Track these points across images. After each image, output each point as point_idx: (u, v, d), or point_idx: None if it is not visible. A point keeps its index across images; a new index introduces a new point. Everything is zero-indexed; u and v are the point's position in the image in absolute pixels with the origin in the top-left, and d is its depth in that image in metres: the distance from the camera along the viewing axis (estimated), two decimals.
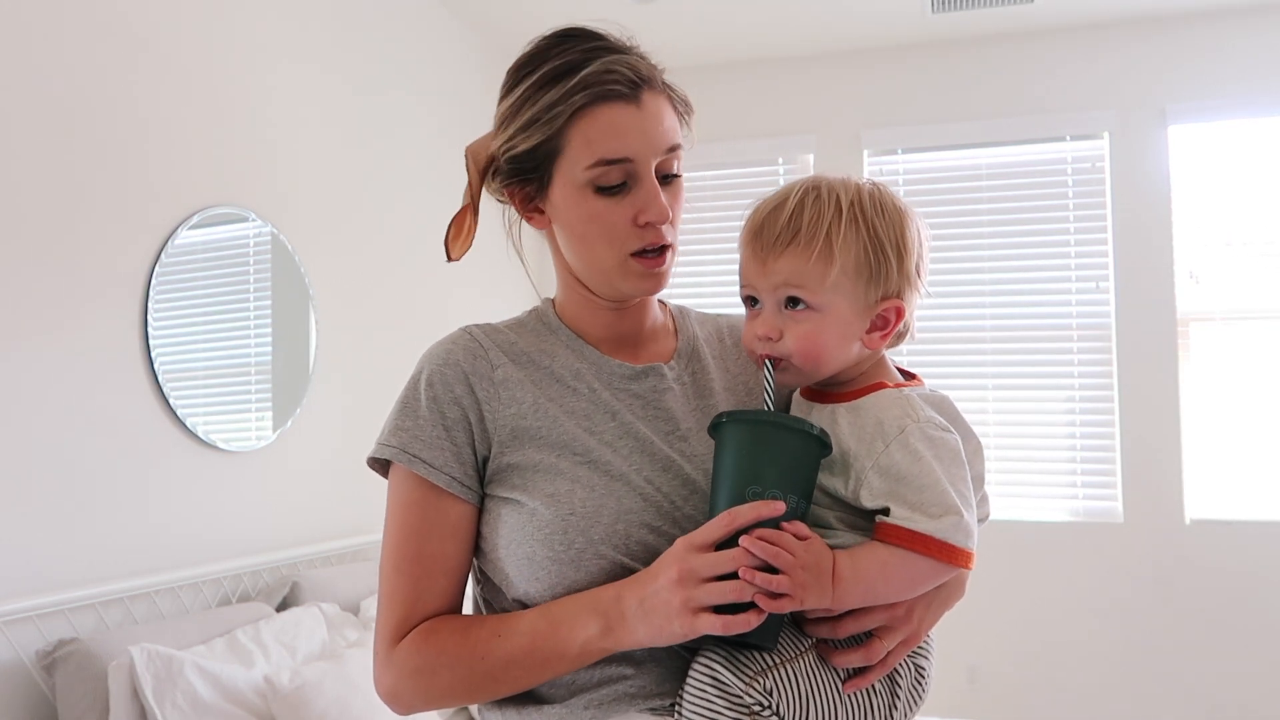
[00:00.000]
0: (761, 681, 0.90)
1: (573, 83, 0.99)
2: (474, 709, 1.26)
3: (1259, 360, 3.84)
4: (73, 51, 2.26)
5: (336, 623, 2.56)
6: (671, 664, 0.97)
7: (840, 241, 0.94)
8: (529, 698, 1.00)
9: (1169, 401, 3.87)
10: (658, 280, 1.03)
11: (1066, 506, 4.01)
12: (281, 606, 2.60)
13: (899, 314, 0.98)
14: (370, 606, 2.72)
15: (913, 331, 1.02)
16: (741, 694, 0.89)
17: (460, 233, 1.11)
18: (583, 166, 0.99)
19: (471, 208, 1.10)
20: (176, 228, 2.50)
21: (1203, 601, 3.79)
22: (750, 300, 1.00)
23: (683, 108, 1.06)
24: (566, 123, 0.99)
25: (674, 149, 1.02)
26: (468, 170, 1.09)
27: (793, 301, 0.96)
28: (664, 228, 1.01)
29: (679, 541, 0.90)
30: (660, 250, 1.02)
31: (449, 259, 1.12)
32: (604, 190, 0.99)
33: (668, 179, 1.03)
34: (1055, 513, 4.01)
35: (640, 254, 1.02)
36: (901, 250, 0.96)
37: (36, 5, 2.18)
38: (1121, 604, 3.88)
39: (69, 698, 2.01)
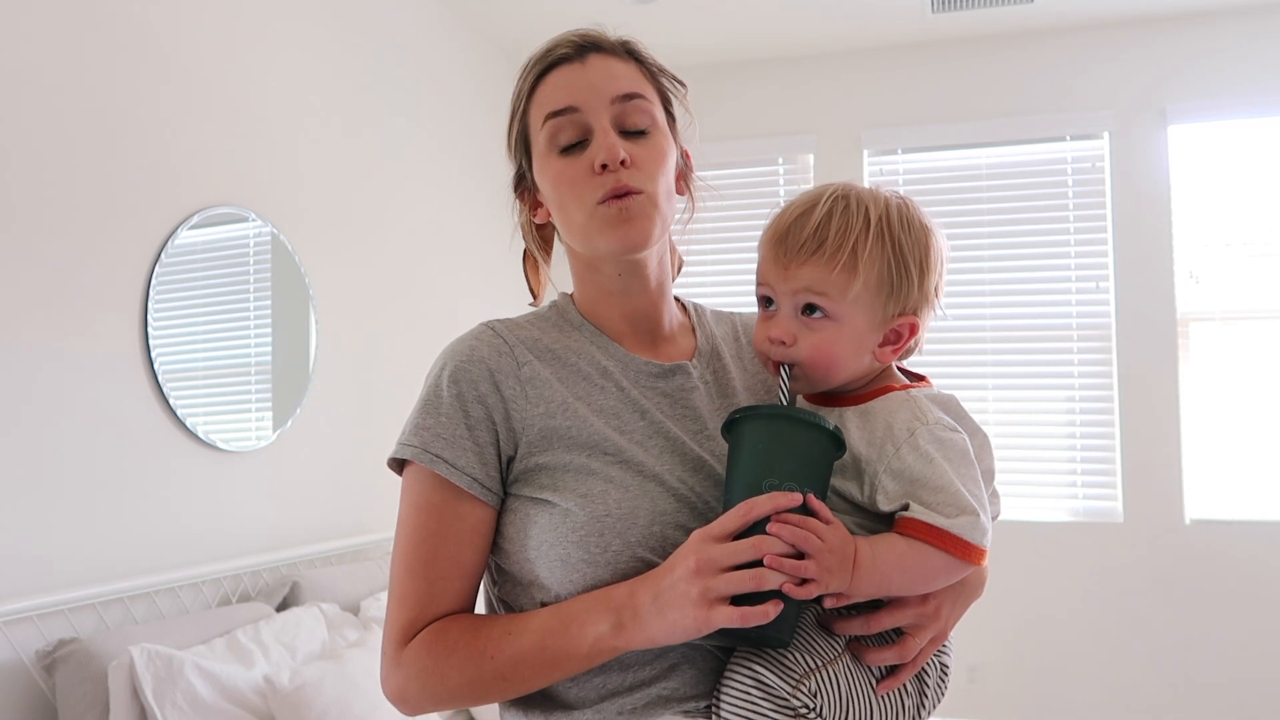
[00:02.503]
0: (807, 684, 0.89)
1: (529, 66, 1.05)
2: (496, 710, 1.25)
3: (1259, 360, 3.84)
4: (73, 52, 2.26)
5: (336, 623, 2.56)
6: (705, 665, 0.95)
7: (865, 256, 0.94)
8: (556, 703, 0.97)
9: (1169, 401, 3.87)
10: (629, 228, 0.98)
11: (1066, 506, 4.02)
12: (281, 606, 2.60)
13: (913, 330, 0.98)
14: (370, 607, 2.71)
15: (921, 346, 1.02)
16: (788, 696, 0.89)
17: (533, 271, 1.15)
18: (539, 130, 1.02)
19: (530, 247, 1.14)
20: (176, 228, 2.50)
21: (1203, 601, 3.80)
22: (766, 301, 1.00)
23: (657, 70, 1.07)
24: (526, 103, 1.05)
25: (630, 97, 1.01)
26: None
27: (810, 309, 0.96)
28: (627, 173, 0.98)
29: (694, 534, 0.88)
30: (625, 194, 0.98)
31: (533, 299, 1.16)
32: (564, 150, 1.01)
33: (636, 135, 1.01)
34: (1055, 513, 4.01)
35: (605, 202, 0.99)
36: (924, 269, 0.97)
37: (38, 5, 2.18)
38: (1121, 604, 3.88)
39: (69, 698, 2.01)
